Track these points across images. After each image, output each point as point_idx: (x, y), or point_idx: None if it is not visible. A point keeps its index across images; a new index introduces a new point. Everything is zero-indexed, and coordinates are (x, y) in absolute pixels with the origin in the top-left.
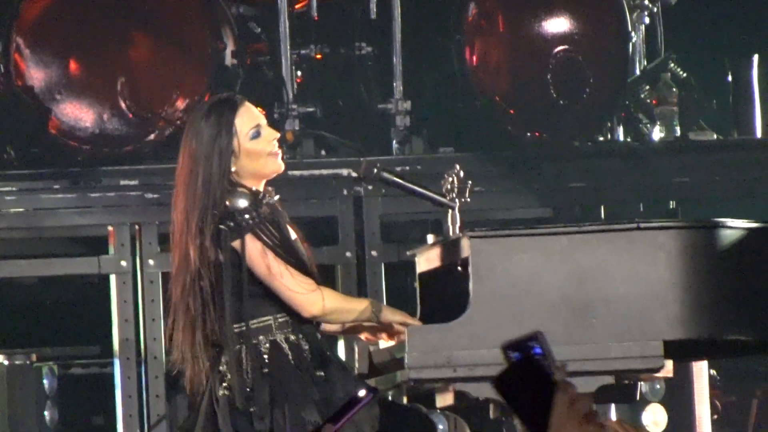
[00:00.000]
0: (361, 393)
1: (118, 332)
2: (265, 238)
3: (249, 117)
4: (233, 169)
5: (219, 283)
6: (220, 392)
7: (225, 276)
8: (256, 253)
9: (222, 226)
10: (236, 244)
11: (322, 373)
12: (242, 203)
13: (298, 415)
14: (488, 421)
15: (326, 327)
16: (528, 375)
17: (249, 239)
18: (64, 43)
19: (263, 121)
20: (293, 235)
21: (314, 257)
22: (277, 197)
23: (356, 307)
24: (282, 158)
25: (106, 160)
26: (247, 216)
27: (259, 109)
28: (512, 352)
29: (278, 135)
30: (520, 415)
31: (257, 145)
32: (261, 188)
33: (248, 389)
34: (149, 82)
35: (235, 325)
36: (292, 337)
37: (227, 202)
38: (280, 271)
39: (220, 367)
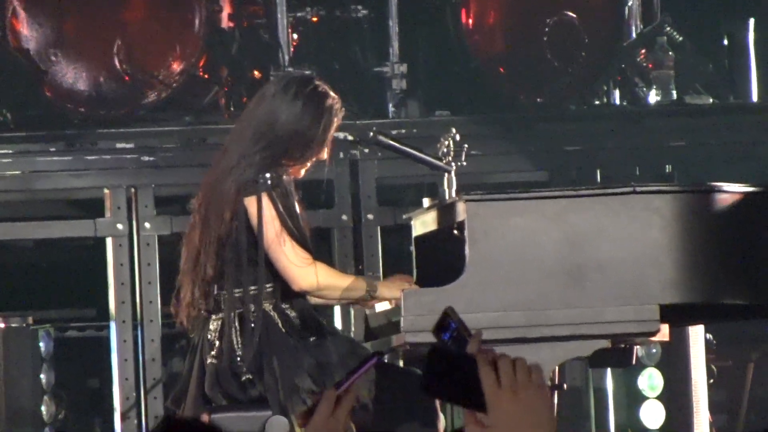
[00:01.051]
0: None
1: (114, 295)
2: (277, 202)
3: (338, 123)
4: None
5: (224, 244)
6: (209, 360)
7: (232, 236)
8: (267, 214)
9: (237, 182)
10: (249, 200)
11: (315, 338)
12: (268, 173)
13: (291, 381)
14: None
15: (316, 300)
16: (441, 364)
17: (264, 198)
18: (60, 5)
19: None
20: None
21: (310, 220)
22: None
23: (350, 284)
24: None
25: (102, 122)
26: (267, 176)
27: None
28: (441, 333)
29: (326, 157)
30: (462, 404)
31: (325, 146)
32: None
33: (237, 356)
34: (145, 44)
35: (236, 290)
36: (281, 306)
37: (255, 167)
38: (283, 238)
39: (209, 335)
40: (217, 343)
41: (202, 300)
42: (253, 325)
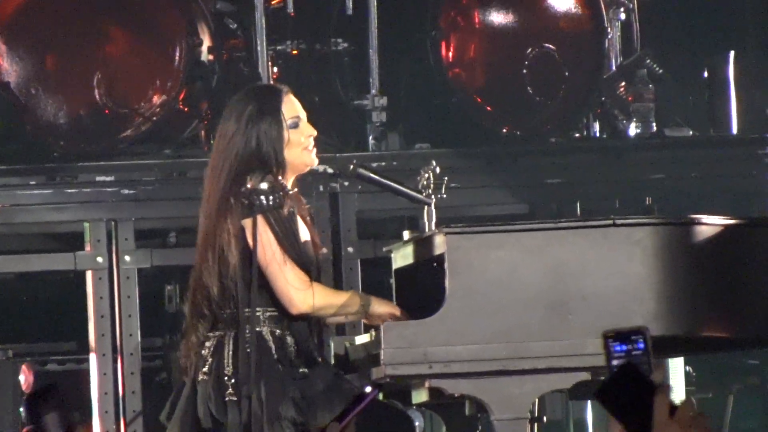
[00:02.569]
0: (367, 389)
1: (94, 328)
2: (274, 223)
3: (292, 106)
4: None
5: (223, 266)
6: (200, 377)
7: (228, 256)
8: (264, 237)
9: (236, 203)
10: (246, 222)
11: (305, 370)
12: (262, 185)
13: (275, 409)
14: (464, 418)
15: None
16: (628, 380)
17: (260, 221)
18: (40, 39)
19: (304, 116)
20: (306, 234)
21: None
22: (305, 204)
23: (345, 302)
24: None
25: (82, 155)
26: (263, 197)
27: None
28: (614, 342)
29: (315, 133)
30: (622, 421)
31: (294, 135)
32: (289, 183)
33: (226, 377)
34: (125, 77)
35: (225, 311)
36: (278, 332)
37: (249, 182)
38: (282, 260)
39: (203, 351)
40: (210, 359)
41: (203, 319)
42: (247, 347)
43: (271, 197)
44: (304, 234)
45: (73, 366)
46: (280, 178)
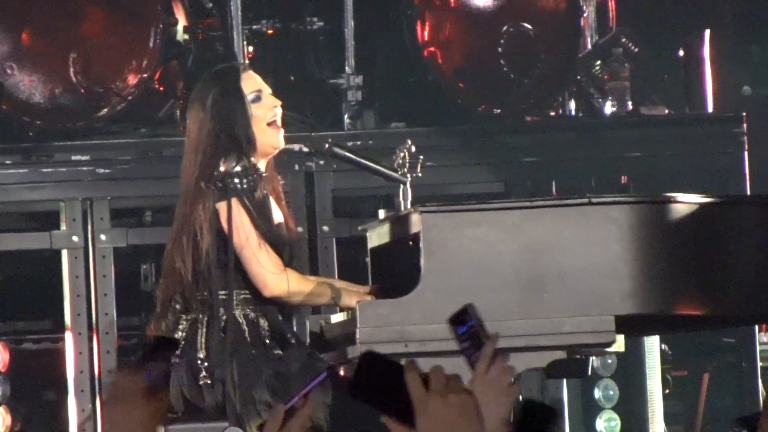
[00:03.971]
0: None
1: (70, 307)
2: (249, 206)
3: (251, 82)
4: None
5: (198, 248)
6: (173, 359)
7: (202, 239)
8: (238, 219)
9: (210, 187)
10: (221, 205)
11: (279, 352)
12: (236, 168)
13: (248, 392)
14: None
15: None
16: (373, 368)
17: (234, 203)
18: (16, 18)
19: (266, 89)
20: (279, 215)
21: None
22: (280, 179)
23: (317, 290)
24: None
25: (58, 135)
26: (236, 180)
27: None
28: (455, 326)
29: (279, 104)
30: (384, 410)
31: (257, 110)
32: (262, 166)
33: (199, 360)
34: (101, 56)
35: (198, 294)
36: (252, 315)
37: (221, 165)
38: (256, 243)
39: (176, 335)
40: (183, 343)
41: (177, 303)
42: (222, 330)
43: (245, 180)
44: (278, 216)
45: (49, 345)
46: (252, 159)
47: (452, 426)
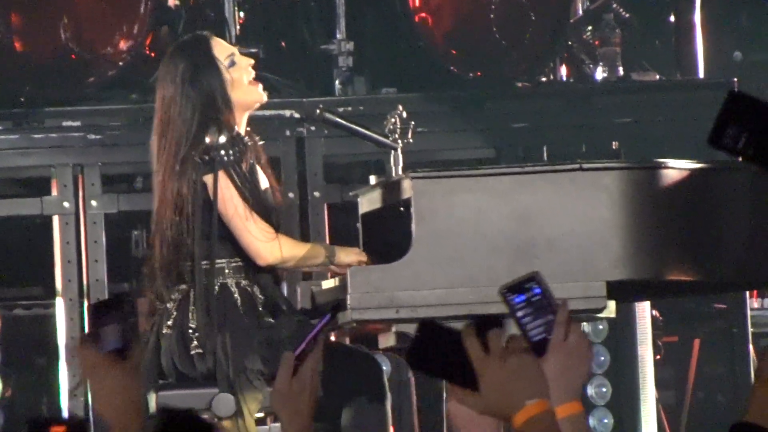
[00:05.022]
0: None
1: (61, 273)
2: (236, 177)
3: (222, 48)
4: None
5: (187, 218)
6: (164, 330)
7: (191, 211)
8: (226, 191)
9: (197, 159)
10: (208, 179)
11: (271, 320)
12: (221, 139)
13: (241, 360)
14: None
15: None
16: (432, 337)
17: (221, 176)
18: None
19: (236, 50)
20: (265, 181)
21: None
22: (259, 140)
23: (311, 253)
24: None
25: (49, 101)
26: (222, 152)
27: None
28: (512, 295)
29: (253, 62)
30: (446, 378)
31: (235, 73)
32: (244, 122)
33: (191, 329)
34: (91, 22)
35: (188, 263)
36: (244, 282)
37: (207, 138)
38: (245, 214)
39: (168, 304)
40: (175, 313)
41: (165, 273)
42: (212, 300)
43: (231, 152)
44: (264, 182)
45: (41, 311)
46: (235, 127)
47: (515, 386)
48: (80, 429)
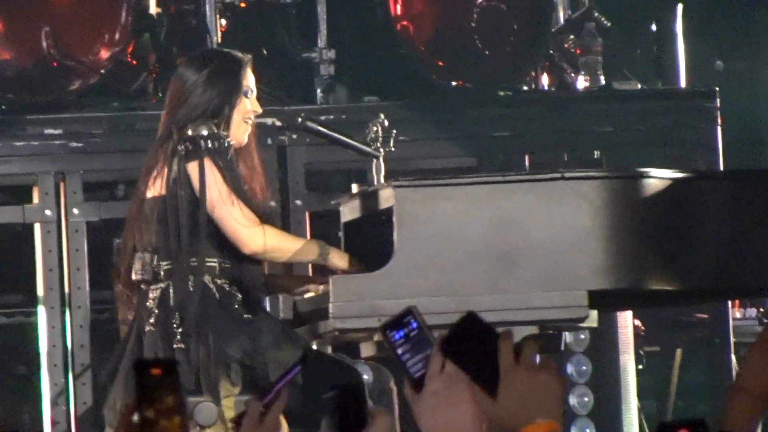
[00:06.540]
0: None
1: (43, 281)
2: (221, 165)
3: (250, 77)
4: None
5: (167, 213)
6: (147, 328)
7: (173, 203)
8: (211, 177)
9: (180, 147)
10: (192, 166)
11: (250, 317)
12: (204, 131)
13: (222, 350)
14: None
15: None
16: (471, 330)
17: (207, 162)
18: None
19: (255, 91)
20: (257, 181)
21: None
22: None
23: (301, 246)
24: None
25: (30, 108)
26: (208, 141)
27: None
28: (391, 331)
29: (260, 111)
30: (471, 374)
31: (242, 105)
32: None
33: (174, 325)
34: (73, 30)
35: (162, 263)
36: (220, 281)
37: (189, 130)
38: (230, 200)
39: (148, 303)
40: (156, 311)
41: (140, 271)
42: (193, 295)
43: (216, 141)
44: (257, 183)
45: (22, 319)
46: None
47: (533, 402)
48: (172, 368)
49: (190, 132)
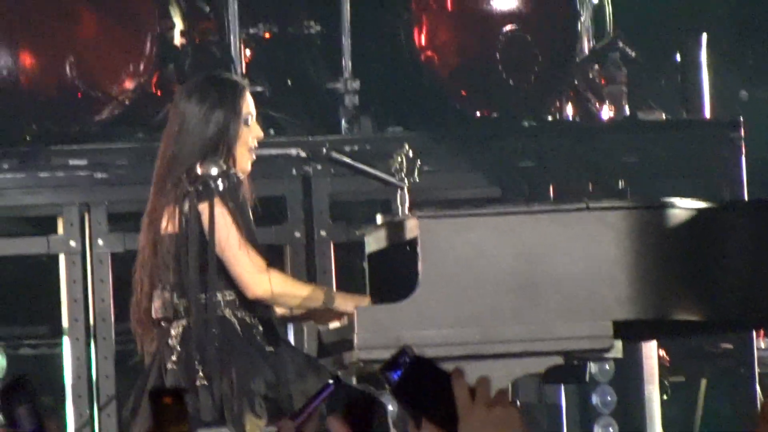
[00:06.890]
0: (329, 383)
1: (68, 312)
2: (231, 207)
3: (248, 104)
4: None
5: (180, 251)
6: (169, 365)
7: (185, 242)
8: (221, 221)
9: (190, 188)
10: (203, 207)
11: (272, 349)
12: (214, 170)
13: (246, 385)
14: None
15: (277, 310)
16: (422, 373)
17: (217, 204)
18: (13, 22)
19: (254, 115)
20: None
21: (263, 237)
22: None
23: (307, 293)
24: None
25: (55, 139)
26: (219, 181)
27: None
28: (389, 372)
29: (262, 135)
30: (427, 416)
31: (245, 133)
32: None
33: (196, 362)
34: (98, 61)
35: (182, 300)
36: (239, 314)
37: (199, 169)
38: (238, 243)
39: (169, 341)
40: (179, 348)
41: (161, 308)
42: (214, 331)
43: (226, 181)
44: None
45: (46, 350)
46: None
47: None
48: (181, 398)
49: (199, 171)
